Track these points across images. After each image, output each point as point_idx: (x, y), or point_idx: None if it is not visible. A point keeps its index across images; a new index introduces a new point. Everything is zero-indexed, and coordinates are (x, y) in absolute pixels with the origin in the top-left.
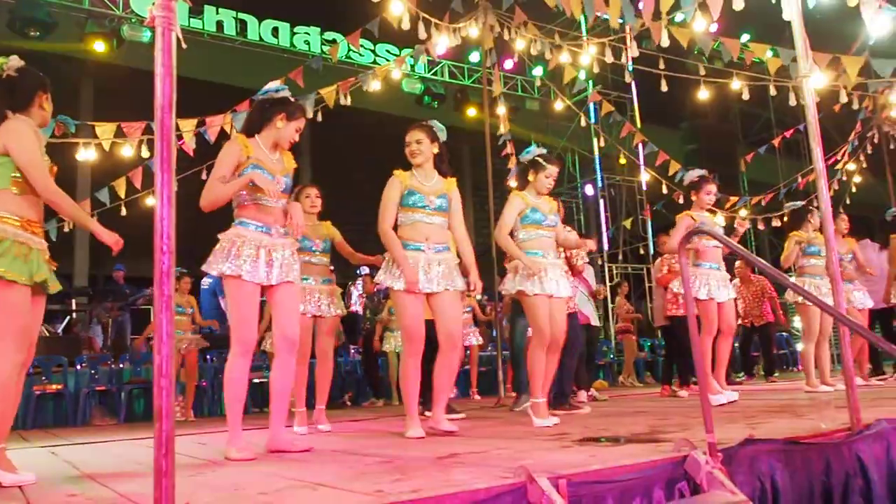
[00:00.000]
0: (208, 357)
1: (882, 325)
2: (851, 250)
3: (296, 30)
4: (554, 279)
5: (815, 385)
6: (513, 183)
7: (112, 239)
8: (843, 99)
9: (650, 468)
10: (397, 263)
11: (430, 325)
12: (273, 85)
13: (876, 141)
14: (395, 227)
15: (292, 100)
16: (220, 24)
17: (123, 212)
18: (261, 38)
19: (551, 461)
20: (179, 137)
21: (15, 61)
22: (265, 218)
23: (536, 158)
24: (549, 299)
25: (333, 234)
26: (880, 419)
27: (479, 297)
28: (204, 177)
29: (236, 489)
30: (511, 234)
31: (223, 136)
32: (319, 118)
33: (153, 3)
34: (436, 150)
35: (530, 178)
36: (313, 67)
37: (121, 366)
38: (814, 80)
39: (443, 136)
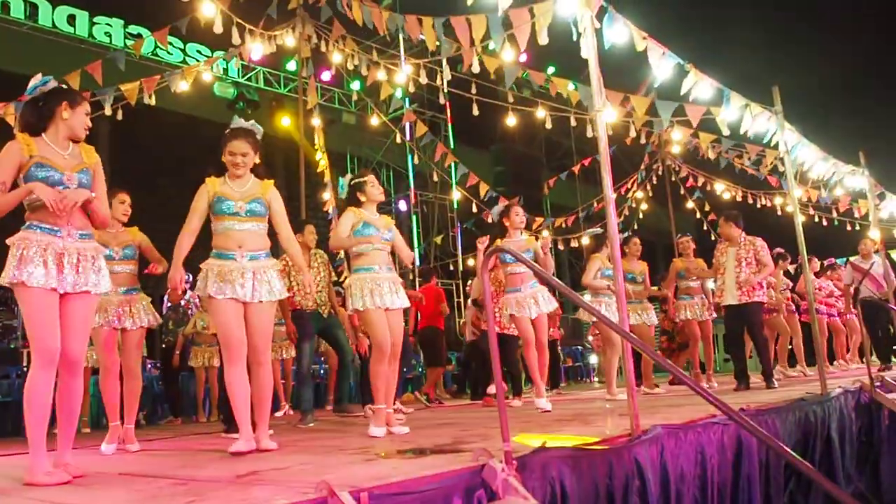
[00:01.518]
0: None
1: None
2: (643, 271)
3: (96, 20)
4: (390, 292)
5: (615, 393)
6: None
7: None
8: (633, 133)
9: (450, 478)
10: (173, 266)
11: None
12: (37, 80)
13: (660, 173)
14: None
15: (65, 87)
16: (5, 6)
17: None
18: (54, 25)
19: (354, 475)
20: None
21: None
22: (55, 219)
23: (356, 180)
24: (385, 312)
25: (140, 239)
26: (656, 425)
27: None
28: None
29: None
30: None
31: (5, 130)
32: (120, 116)
33: None
34: (257, 161)
35: (361, 197)
36: (115, 62)
37: None
38: (606, 115)
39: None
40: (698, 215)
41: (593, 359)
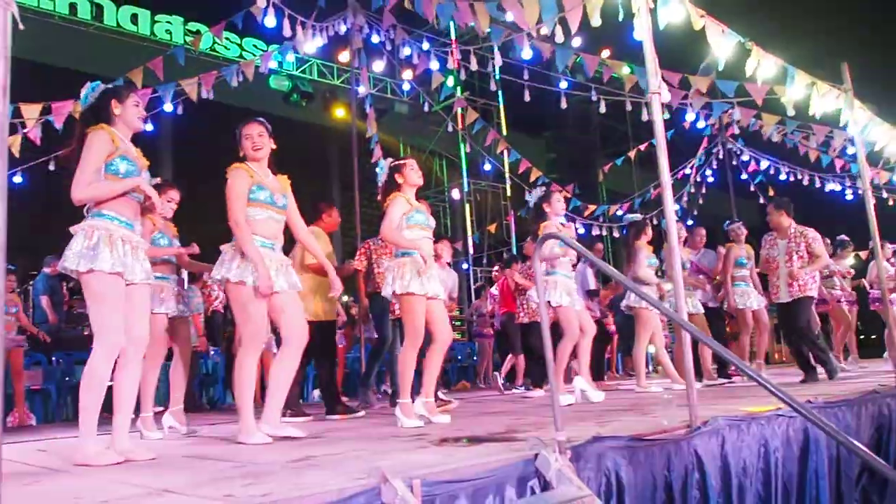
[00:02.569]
0: (54, 360)
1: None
2: (688, 259)
3: (157, 18)
4: (434, 279)
5: (646, 385)
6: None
7: None
8: (691, 116)
9: (503, 467)
10: (252, 262)
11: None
12: (87, 88)
13: (721, 157)
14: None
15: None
16: (73, 7)
17: None
18: (118, 25)
19: (407, 462)
20: (23, 125)
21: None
22: (128, 213)
23: (395, 162)
24: (427, 300)
25: (176, 235)
26: (716, 416)
27: (345, 298)
28: (52, 167)
29: (76, 498)
30: None
31: (72, 124)
32: (180, 111)
33: None
34: (273, 147)
35: (399, 179)
36: (175, 58)
37: None
38: (662, 97)
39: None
40: (761, 200)
41: (651, 349)
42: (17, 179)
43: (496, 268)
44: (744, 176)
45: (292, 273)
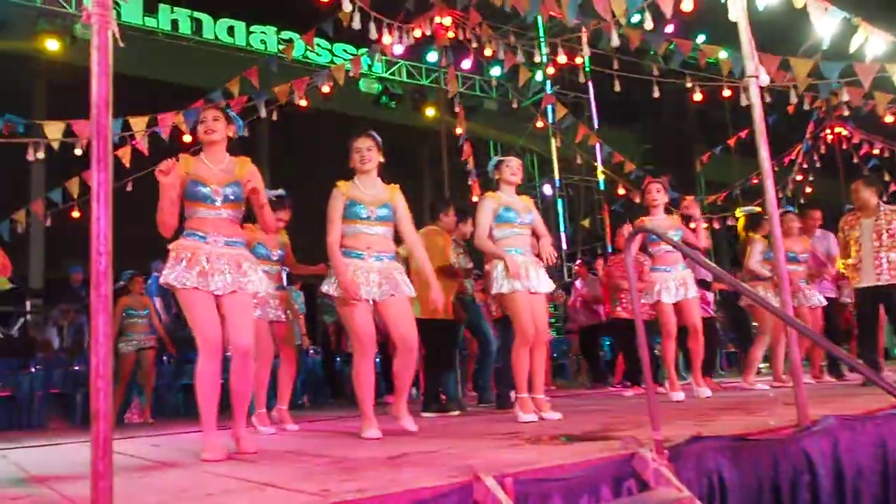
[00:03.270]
0: (165, 359)
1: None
2: (806, 249)
3: (252, 29)
4: (534, 275)
5: (753, 383)
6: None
7: None
8: (794, 100)
9: (597, 466)
10: (336, 272)
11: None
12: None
13: (829, 141)
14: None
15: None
16: (174, 23)
17: (76, 213)
18: (216, 37)
19: (499, 460)
20: (132, 137)
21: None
22: (205, 228)
23: (497, 159)
24: (529, 295)
25: (286, 242)
26: (827, 415)
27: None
28: None
29: (183, 490)
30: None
31: (176, 135)
32: (275, 117)
33: (90, 1)
34: (381, 160)
35: (496, 175)
36: (269, 67)
37: (76, 368)
38: (760, 80)
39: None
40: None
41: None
42: (129, 188)
43: (578, 262)
44: (855, 160)
45: (398, 280)
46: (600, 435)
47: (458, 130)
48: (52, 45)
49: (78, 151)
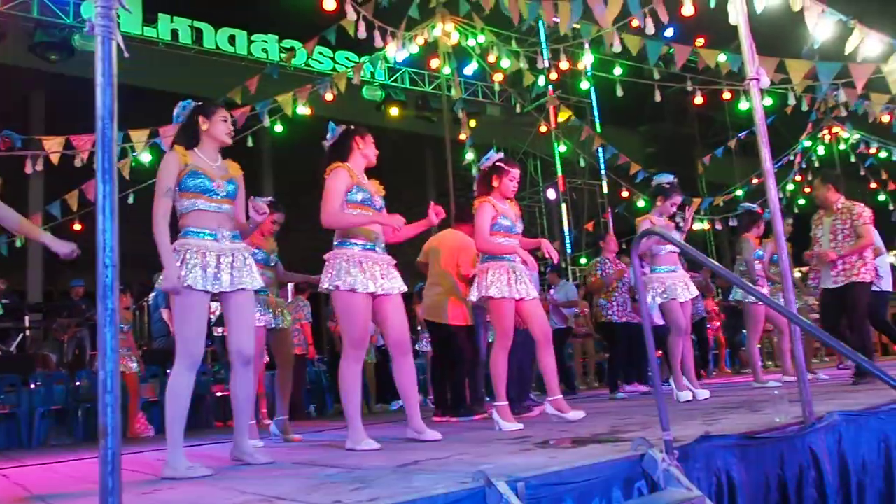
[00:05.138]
0: (169, 373)
1: None
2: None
3: (253, 38)
4: (524, 282)
5: (764, 381)
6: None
7: (67, 249)
8: (792, 101)
9: (608, 468)
10: (357, 224)
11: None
12: (179, 108)
13: (827, 141)
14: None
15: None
16: (174, 33)
17: (77, 226)
18: (217, 47)
19: (511, 465)
20: (133, 149)
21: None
22: (209, 223)
23: (498, 163)
24: (526, 302)
25: (275, 248)
26: (832, 412)
27: None
28: None
29: None
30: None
31: None
32: (279, 127)
33: (93, 13)
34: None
35: (494, 183)
36: (271, 75)
37: (77, 383)
38: (760, 83)
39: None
40: (873, 185)
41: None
42: (130, 200)
43: (549, 270)
44: (853, 159)
45: (396, 275)
46: (609, 437)
47: (462, 136)
48: (50, 56)
49: (78, 163)
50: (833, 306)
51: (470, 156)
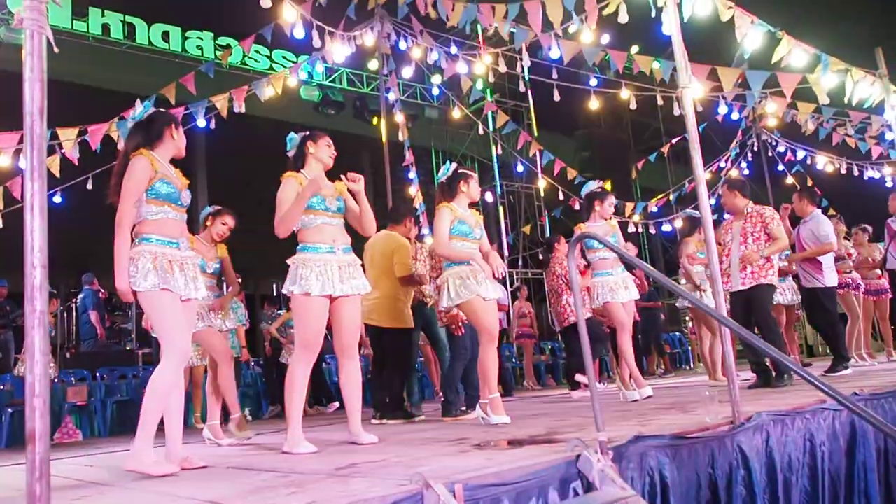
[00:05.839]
0: (99, 375)
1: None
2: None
3: (188, 34)
4: (486, 282)
5: (721, 378)
6: (413, 191)
7: None
8: (723, 109)
9: (545, 469)
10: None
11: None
12: (141, 108)
13: (756, 148)
14: (296, 231)
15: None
16: (105, 27)
17: (0, 223)
18: (150, 42)
19: (449, 467)
20: (61, 146)
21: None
22: (172, 232)
23: (461, 170)
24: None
25: (224, 255)
26: (760, 412)
27: None
28: (90, 186)
29: None
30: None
31: (108, 144)
32: (213, 126)
33: (22, 5)
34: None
35: (463, 188)
36: (206, 73)
37: (0, 387)
38: (693, 90)
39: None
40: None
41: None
42: (57, 199)
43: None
44: (780, 167)
45: (358, 275)
46: (546, 438)
47: (401, 138)
48: None
49: (4, 161)
50: (742, 308)
51: (408, 157)
